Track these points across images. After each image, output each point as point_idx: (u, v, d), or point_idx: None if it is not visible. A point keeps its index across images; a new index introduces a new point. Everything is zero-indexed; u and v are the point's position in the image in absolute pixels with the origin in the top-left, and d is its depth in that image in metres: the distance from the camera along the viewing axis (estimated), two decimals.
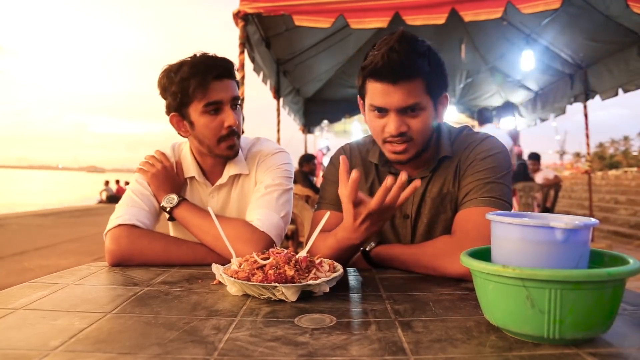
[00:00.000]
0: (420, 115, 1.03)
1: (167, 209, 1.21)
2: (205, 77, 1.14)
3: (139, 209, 1.21)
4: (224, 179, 1.29)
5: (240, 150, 1.30)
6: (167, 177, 1.26)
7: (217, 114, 1.18)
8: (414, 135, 1.04)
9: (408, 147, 1.06)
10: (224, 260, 1.01)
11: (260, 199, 1.23)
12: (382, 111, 1.04)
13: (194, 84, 1.14)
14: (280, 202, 1.23)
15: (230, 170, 1.28)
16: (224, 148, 1.21)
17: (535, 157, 6.47)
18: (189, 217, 1.19)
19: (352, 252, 1.04)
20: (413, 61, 0.98)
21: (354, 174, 0.87)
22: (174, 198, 1.21)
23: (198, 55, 1.18)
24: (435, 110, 1.06)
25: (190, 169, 1.29)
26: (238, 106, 1.23)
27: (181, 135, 1.26)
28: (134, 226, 1.16)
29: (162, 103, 1.24)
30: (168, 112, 1.22)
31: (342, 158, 0.94)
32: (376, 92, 1.02)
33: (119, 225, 1.15)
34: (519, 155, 6.33)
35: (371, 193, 1.19)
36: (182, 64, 1.16)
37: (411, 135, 1.04)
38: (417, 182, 0.86)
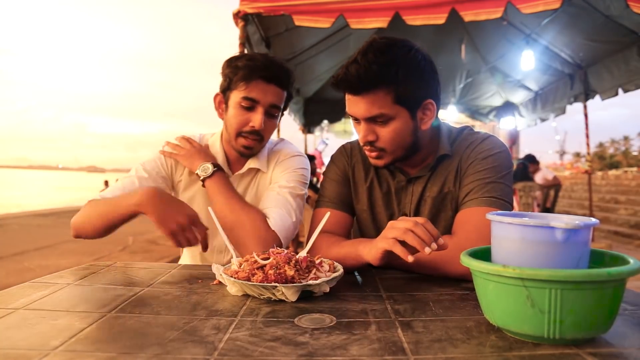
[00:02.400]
0: (390, 125, 1.02)
1: (201, 178, 1.23)
2: (253, 72, 1.18)
3: (113, 188, 1.24)
4: (244, 169, 1.31)
5: (265, 148, 1.33)
6: (200, 151, 1.29)
7: (249, 111, 1.20)
8: (384, 145, 1.04)
9: (380, 155, 1.07)
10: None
11: (277, 198, 1.23)
12: (355, 119, 1.06)
13: (241, 75, 1.18)
14: (294, 206, 1.24)
15: (251, 163, 1.31)
16: (240, 144, 1.24)
17: (531, 159, 6.46)
18: (216, 192, 1.20)
19: (364, 265, 1.01)
20: (373, 73, 0.96)
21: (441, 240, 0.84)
22: (209, 167, 1.23)
23: (267, 54, 1.24)
24: (413, 119, 1.04)
25: (216, 157, 1.31)
26: (275, 115, 1.25)
27: (218, 115, 1.30)
28: (93, 200, 1.19)
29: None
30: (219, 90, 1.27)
31: None
32: (347, 101, 1.04)
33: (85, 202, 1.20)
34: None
35: (370, 192, 1.19)
36: (245, 55, 1.22)
37: (380, 145, 1.05)
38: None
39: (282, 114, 1.32)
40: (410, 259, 0.83)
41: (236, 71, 1.19)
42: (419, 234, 0.82)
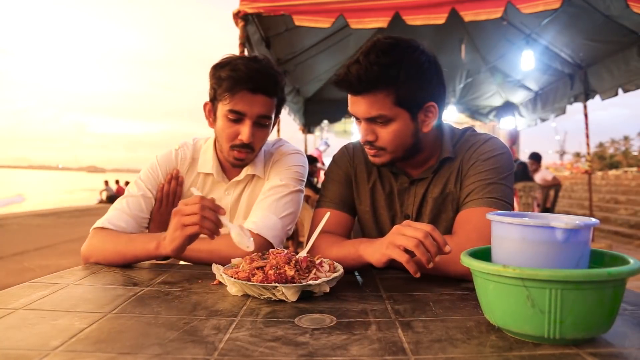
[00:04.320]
0: (389, 126, 1.02)
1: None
2: (236, 84, 1.13)
3: (119, 212, 1.20)
4: (240, 176, 1.29)
5: (262, 152, 1.30)
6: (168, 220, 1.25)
7: (237, 123, 1.17)
8: (383, 144, 1.05)
9: (379, 154, 1.07)
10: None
11: (261, 201, 1.22)
12: (357, 118, 1.06)
13: (225, 87, 1.14)
14: (281, 202, 1.21)
15: (248, 169, 1.29)
16: (231, 157, 1.21)
17: (535, 157, 6.46)
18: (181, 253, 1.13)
19: (365, 265, 1.01)
20: (373, 74, 0.96)
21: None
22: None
23: (253, 59, 1.18)
24: (414, 121, 1.04)
25: (209, 165, 1.29)
26: (266, 125, 1.20)
27: (209, 125, 1.26)
28: (102, 229, 1.16)
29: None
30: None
31: None
32: (349, 100, 1.05)
33: (92, 229, 1.17)
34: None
35: (372, 193, 1.19)
36: (229, 62, 1.16)
37: (380, 145, 1.05)
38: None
39: (278, 117, 1.28)
40: (417, 275, 0.86)
41: (220, 82, 1.15)
42: (428, 247, 0.82)
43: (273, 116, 1.22)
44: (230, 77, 1.13)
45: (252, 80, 1.13)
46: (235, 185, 1.30)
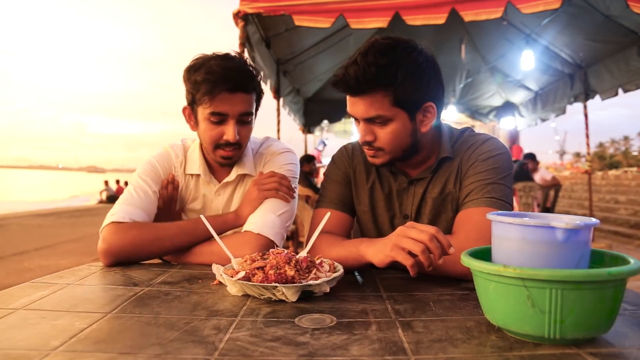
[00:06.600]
0: (388, 126, 1.02)
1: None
2: (215, 87, 1.11)
3: (134, 208, 1.17)
4: (231, 177, 1.28)
5: (250, 151, 1.30)
6: (165, 215, 1.25)
7: (220, 124, 1.16)
8: (382, 145, 1.05)
9: (377, 154, 1.07)
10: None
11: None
12: (355, 118, 1.06)
13: (203, 90, 1.12)
14: (278, 201, 1.22)
15: (238, 169, 1.28)
16: (218, 156, 1.21)
17: (530, 156, 6.47)
18: (188, 257, 1.15)
19: (365, 265, 1.00)
20: (371, 75, 0.96)
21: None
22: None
23: (225, 57, 1.16)
24: (413, 121, 1.03)
25: (196, 166, 1.28)
26: (248, 121, 1.20)
27: (190, 128, 1.25)
28: (121, 223, 1.13)
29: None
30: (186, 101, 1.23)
31: None
32: (347, 100, 1.05)
33: (111, 222, 1.12)
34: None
35: (371, 193, 1.19)
36: (202, 65, 1.14)
37: (379, 145, 1.05)
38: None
39: (258, 110, 1.26)
40: (414, 275, 0.86)
41: (197, 87, 1.13)
42: (433, 250, 0.82)
43: (254, 111, 1.22)
44: (207, 80, 1.11)
45: (230, 80, 1.12)
46: (225, 186, 1.30)
